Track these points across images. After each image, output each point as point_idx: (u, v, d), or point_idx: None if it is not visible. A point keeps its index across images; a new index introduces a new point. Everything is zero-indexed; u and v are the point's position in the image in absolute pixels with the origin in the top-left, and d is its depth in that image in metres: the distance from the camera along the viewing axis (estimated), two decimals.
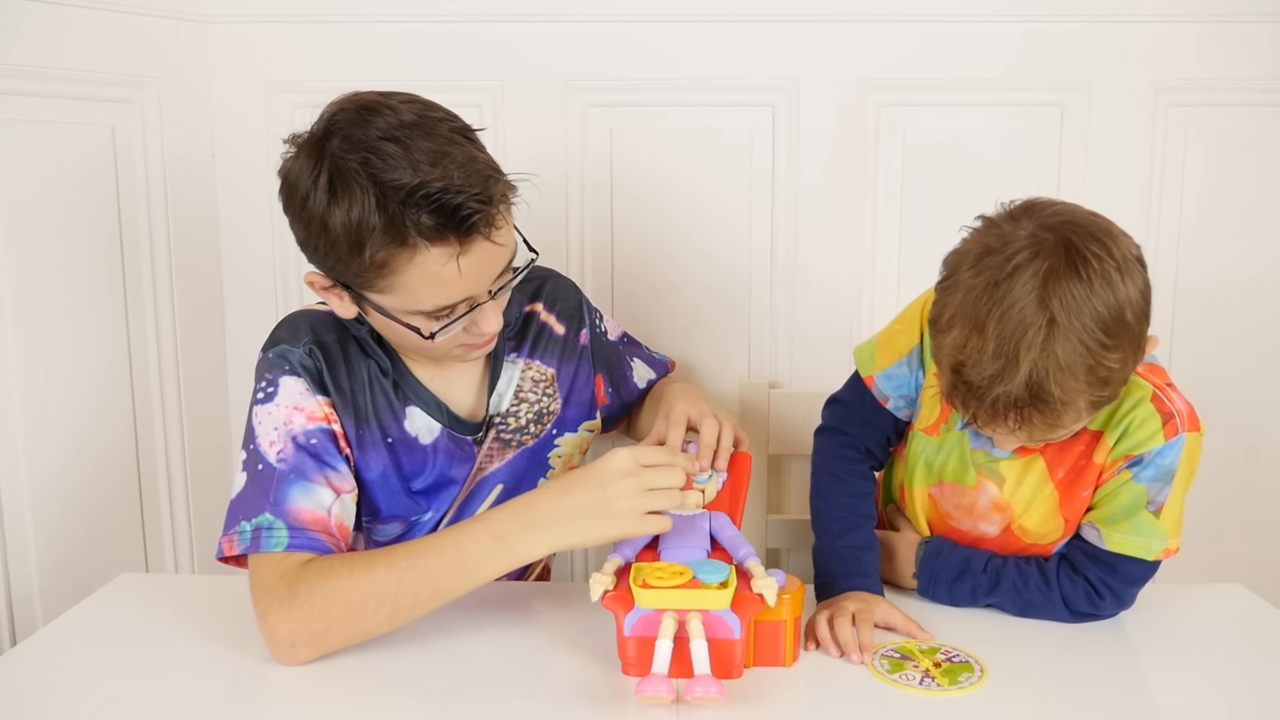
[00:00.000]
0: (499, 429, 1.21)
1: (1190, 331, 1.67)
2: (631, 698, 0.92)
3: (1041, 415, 0.95)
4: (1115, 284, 0.93)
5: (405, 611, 1.00)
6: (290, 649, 1.00)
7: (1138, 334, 0.95)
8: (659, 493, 0.98)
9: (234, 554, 1.05)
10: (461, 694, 0.96)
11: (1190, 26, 1.59)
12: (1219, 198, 1.64)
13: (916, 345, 1.15)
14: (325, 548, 1.05)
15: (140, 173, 1.56)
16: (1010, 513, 1.13)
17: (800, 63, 1.62)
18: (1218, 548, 1.69)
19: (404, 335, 1.06)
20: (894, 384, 1.17)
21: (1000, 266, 0.94)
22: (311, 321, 1.14)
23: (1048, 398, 0.93)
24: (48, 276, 1.46)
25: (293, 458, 1.07)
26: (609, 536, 0.99)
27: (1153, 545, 1.07)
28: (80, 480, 1.52)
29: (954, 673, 0.98)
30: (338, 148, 0.98)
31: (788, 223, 1.66)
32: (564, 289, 1.30)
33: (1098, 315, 0.92)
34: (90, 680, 0.99)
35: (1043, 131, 1.62)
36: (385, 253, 0.98)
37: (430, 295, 1.02)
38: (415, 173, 0.96)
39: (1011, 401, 0.94)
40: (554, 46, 1.61)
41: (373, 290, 1.03)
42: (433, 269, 1.00)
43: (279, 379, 1.10)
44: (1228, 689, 0.99)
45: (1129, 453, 1.05)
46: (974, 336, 0.94)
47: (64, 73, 1.45)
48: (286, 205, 1.03)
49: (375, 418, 1.14)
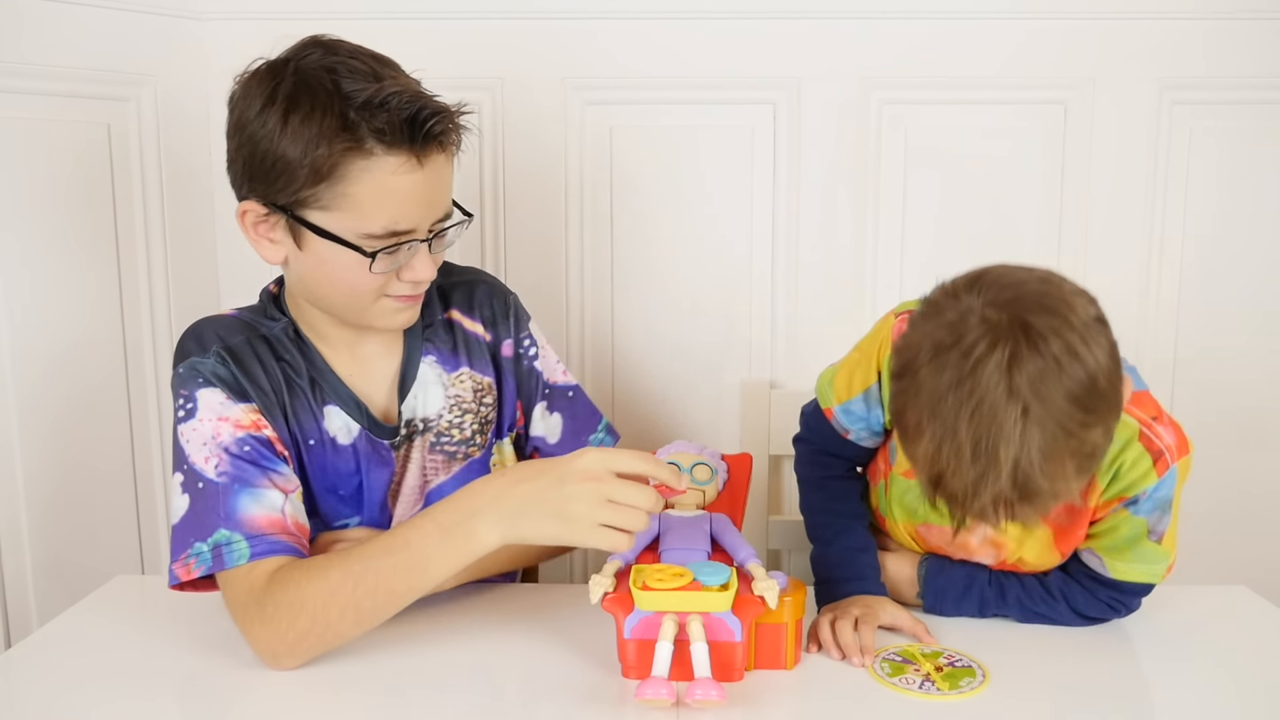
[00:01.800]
0: (444, 444, 1.17)
1: (1195, 332, 1.66)
2: (631, 701, 0.91)
3: (1033, 506, 0.89)
4: (1081, 356, 0.86)
5: (369, 614, 0.98)
6: (275, 659, 0.99)
7: (1114, 399, 0.90)
8: (621, 509, 0.92)
9: (191, 578, 1.02)
10: (459, 697, 0.95)
11: (1195, 23, 1.59)
12: (1224, 196, 1.64)
13: (874, 384, 1.10)
14: (288, 548, 1.02)
15: (136, 171, 1.55)
16: (1005, 549, 1.11)
17: (802, 60, 1.61)
18: (1222, 549, 1.69)
19: (336, 274, 1.03)
20: (852, 418, 1.13)
21: (959, 363, 0.87)
22: (216, 327, 1.11)
23: (1037, 489, 0.87)
24: (43, 276, 1.45)
25: (231, 468, 1.03)
26: (557, 539, 0.94)
27: (1158, 570, 1.06)
28: (75, 482, 1.51)
29: (955, 677, 0.97)
30: (301, 63, 1.00)
31: (789, 221, 1.66)
32: (487, 294, 1.22)
33: (1071, 394, 0.86)
34: (85, 683, 0.98)
35: (1046, 129, 1.61)
36: (338, 158, 0.97)
37: (378, 211, 1.00)
38: (378, 85, 0.98)
39: (1001, 502, 0.89)
40: (553, 44, 1.60)
41: (317, 207, 1.00)
42: (385, 179, 0.99)
43: (195, 393, 1.06)
44: (1232, 691, 0.98)
45: (1122, 494, 1.03)
46: (947, 443, 0.87)
47: (59, 70, 1.45)
48: (236, 126, 1.02)
49: (296, 418, 1.11)
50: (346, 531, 1.15)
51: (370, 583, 0.97)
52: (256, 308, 1.16)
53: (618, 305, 1.69)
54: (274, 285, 1.18)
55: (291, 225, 1.03)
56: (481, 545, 0.95)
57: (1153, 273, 1.65)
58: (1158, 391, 1.64)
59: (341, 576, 0.97)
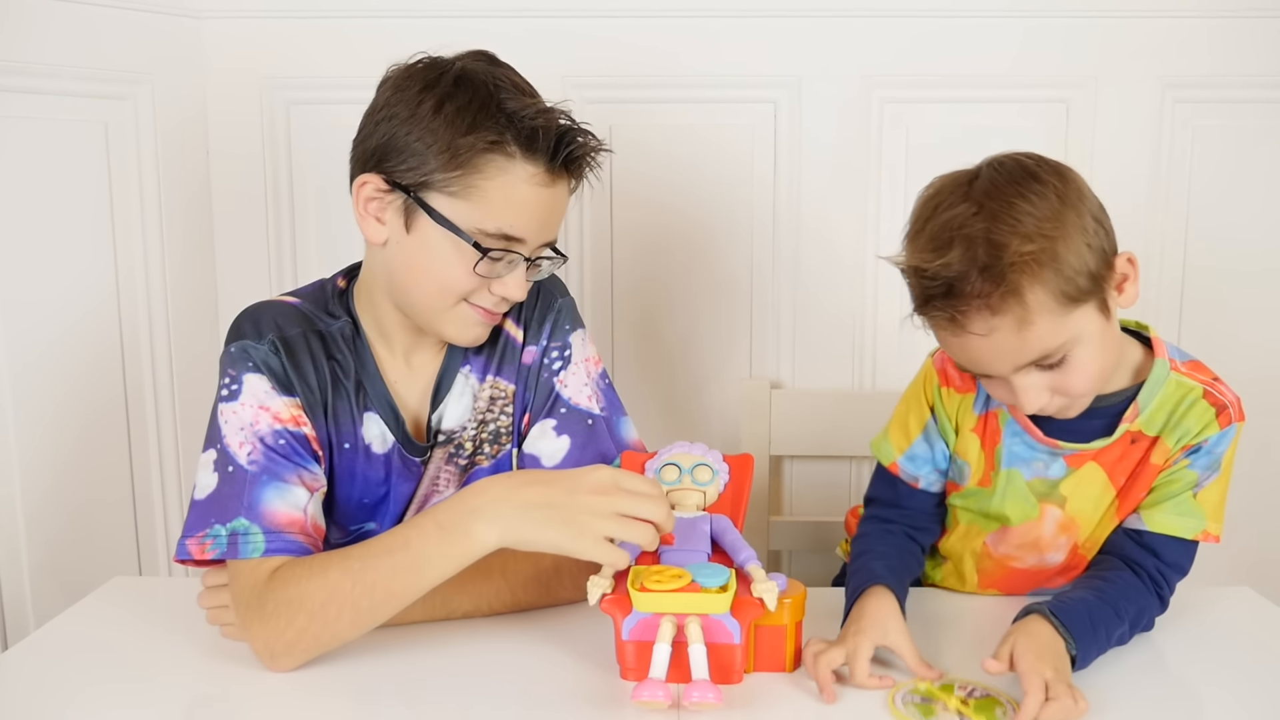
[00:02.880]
0: (454, 456, 1.16)
1: (1198, 329, 1.66)
2: (628, 702, 0.90)
3: (1003, 300, 0.94)
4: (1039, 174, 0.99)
5: (366, 614, 0.97)
6: (271, 658, 0.98)
7: (1064, 184, 0.99)
8: (629, 523, 0.91)
9: (206, 558, 1.02)
10: (457, 698, 0.95)
11: (1197, 22, 1.58)
12: (1226, 194, 1.63)
13: (929, 419, 1.15)
14: (303, 549, 1.02)
15: (134, 171, 1.55)
16: (1076, 530, 1.12)
17: (803, 59, 1.61)
18: (1226, 550, 1.65)
19: (434, 266, 1.04)
20: (918, 463, 1.16)
21: (939, 186, 1.02)
22: (275, 314, 1.10)
23: (995, 261, 0.94)
24: (39, 276, 1.44)
25: (263, 459, 1.04)
26: (558, 547, 0.92)
27: (1190, 524, 1.07)
28: (73, 482, 1.50)
29: (986, 709, 0.93)
30: (467, 65, 1.04)
31: (790, 221, 1.65)
32: (534, 296, 1.17)
33: (1020, 168, 0.99)
34: (82, 685, 0.98)
35: (1048, 128, 1.61)
36: (482, 149, 1.00)
37: (503, 211, 1.02)
38: (534, 100, 1.03)
39: (967, 281, 0.95)
40: (551, 42, 1.60)
41: (444, 192, 1.02)
42: (518, 184, 1.02)
43: (242, 376, 1.07)
44: (1237, 692, 0.97)
45: (1186, 443, 1.06)
46: (919, 235, 1.00)
47: (55, 69, 1.44)
48: (383, 104, 1.04)
49: (335, 419, 1.11)
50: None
51: (368, 581, 0.96)
52: (317, 299, 1.15)
53: (618, 304, 1.68)
54: (342, 280, 1.17)
55: (408, 207, 1.04)
56: (479, 545, 0.94)
57: (1155, 272, 1.64)
58: None
59: (340, 575, 0.96)
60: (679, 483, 1.06)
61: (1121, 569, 1.07)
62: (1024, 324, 0.95)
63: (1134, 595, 1.04)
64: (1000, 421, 1.12)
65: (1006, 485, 1.12)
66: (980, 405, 1.13)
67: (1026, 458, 1.11)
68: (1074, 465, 1.10)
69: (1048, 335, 0.96)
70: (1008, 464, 1.12)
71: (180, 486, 1.64)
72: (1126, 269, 1.01)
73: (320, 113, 1.63)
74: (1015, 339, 0.96)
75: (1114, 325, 1.03)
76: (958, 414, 1.14)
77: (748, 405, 1.62)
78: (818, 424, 1.24)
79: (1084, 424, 1.07)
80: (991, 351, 0.98)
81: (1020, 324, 0.95)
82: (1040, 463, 1.11)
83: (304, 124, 1.64)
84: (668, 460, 1.07)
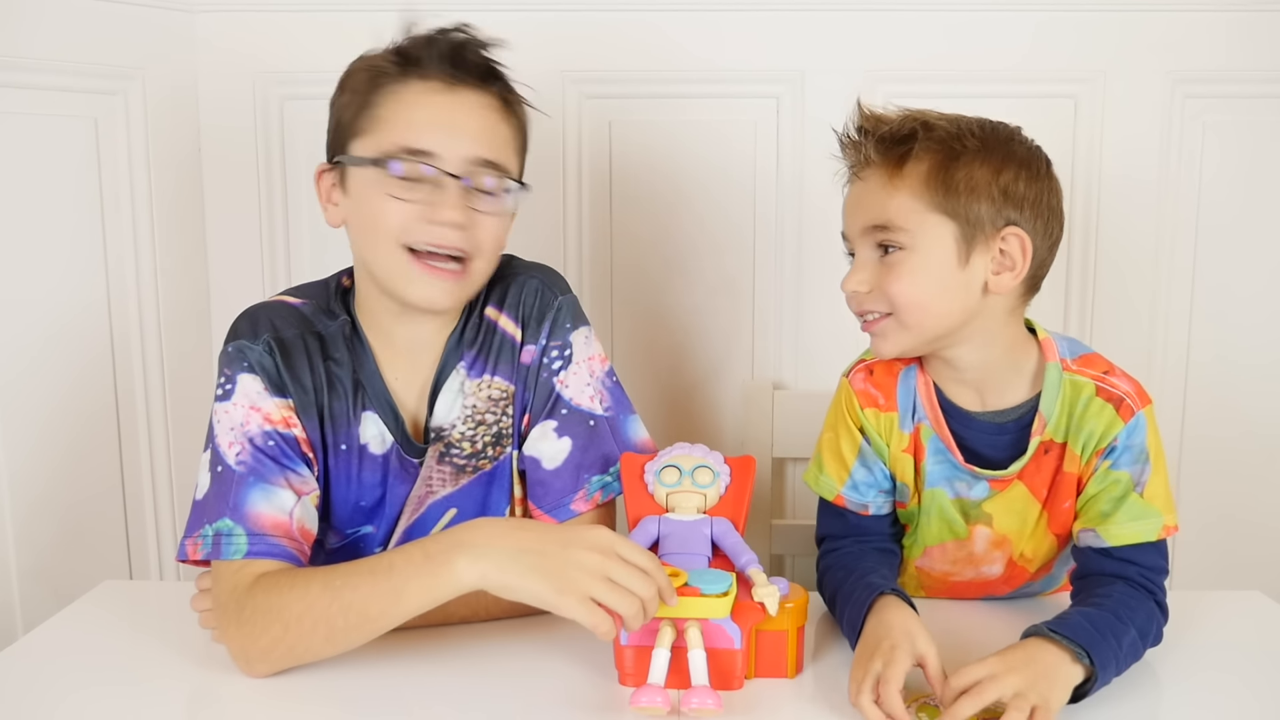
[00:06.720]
0: (453, 455, 1.14)
1: (1208, 329, 1.65)
2: (627, 708, 0.89)
3: (899, 155, 1.00)
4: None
5: (340, 633, 0.94)
6: (247, 663, 0.97)
7: (1043, 159, 1.06)
8: (618, 591, 0.87)
9: (197, 558, 1.02)
10: (453, 704, 0.94)
11: (1206, 16, 1.57)
12: (1236, 190, 1.62)
13: (862, 441, 1.12)
14: (286, 553, 1.01)
15: (124, 167, 1.54)
16: (1009, 546, 1.12)
17: (806, 53, 1.60)
18: (1235, 554, 1.66)
19: (365, 211, 1.04)
20: (863, 490, 1.13)
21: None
22: (272, 315, 1.10)
23: (926, 131, 0.99)
24: (28, 275, 1.43)
25: (251, 460, 1.03)
26: (538, 598, 0.88)
27: (1149, 526, 1.03)
28: (62, 486, 1.50)
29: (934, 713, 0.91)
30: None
31: (793, 219, 1.64)
32: (533, 292, 1.14)
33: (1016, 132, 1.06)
34: (71, 689, 0.97)
35: (1057, 124, 1.59)
36: (376, 83, 1.04)
37: (401, 129, 1.02)
38: (440, 30, 1.05)
39: (892, 130, 1.01)
40: (550, 36, 1.58)
41: (356, 138, 1.04)
42: (412, 101, 1.03)
43: (236, 376, 1.07)
44: (1246, 697, 0.97)
45: (1098, 448, 1.04)
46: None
47: (44, 63, 1.43)
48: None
49: (331, 421, 1.10)
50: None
51: (346, 600, 0.93)
52: (320, 297, 1.14)
53: (618, 304, 1.67)
54: (347, 279, 1.16)
55: (341, 171, 1.07)
56: (456, 581, 0.90)
57: (1164, 268, 1.63)
58: (1169, 389, 1.63)
59: (321, 590, 0.94)
60: (679, 485, 1.05)
61: (1111, 583, 1.03)
62: (890, 185, 1.00)
63: (1131, 602, 1.01)
64: (924, 438, 1.10)
65: (931, 505, 1.11)
66: (907, 423, 1.10)
67: (949, 476, 1.10)
68: (998, 488, 1.09)
69: (899, 211, 1.00)
70: (930, 484, 1.10)
71: (171, 488, 1.63)
72: (1016, 255, 1.00)
73: (314, 108, 1.58)
74: (878, 195, 1.01)
75: (991, 304, 1.02)
76: (888, 434, 1.11)
77: (749, 406, 1.61)
78: (820, 425, 1.22)
79: (995, 440, 1.07)
80: (856, 202, 1.04)
81: (887, 182, 1.00)
82: (963, 483, 1.09)
83: (298, 119, 1.63)
84: (668, 462, 1.07)
